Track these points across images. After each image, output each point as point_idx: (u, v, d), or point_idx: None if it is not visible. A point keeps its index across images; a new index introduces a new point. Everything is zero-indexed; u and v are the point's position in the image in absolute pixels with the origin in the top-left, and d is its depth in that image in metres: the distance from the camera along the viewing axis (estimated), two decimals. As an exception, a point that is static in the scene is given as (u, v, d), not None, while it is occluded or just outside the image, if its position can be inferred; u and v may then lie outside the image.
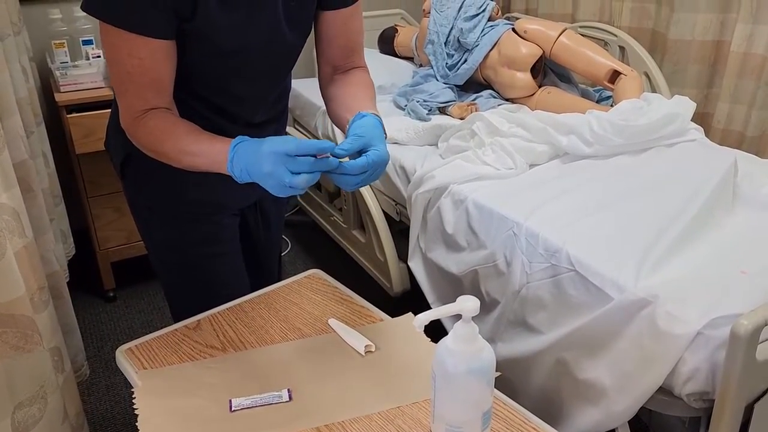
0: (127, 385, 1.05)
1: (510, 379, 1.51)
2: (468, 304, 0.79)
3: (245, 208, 1.36)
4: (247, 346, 1.10)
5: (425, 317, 0.81)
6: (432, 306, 1.80)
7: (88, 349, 2.20)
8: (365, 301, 1.22)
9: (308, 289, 1.25)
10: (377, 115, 1.08)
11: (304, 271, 1.32)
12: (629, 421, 1.30)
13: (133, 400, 0.97)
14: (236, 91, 1.16)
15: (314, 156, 0.92)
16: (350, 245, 2.33)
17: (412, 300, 1.95)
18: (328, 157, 0.94)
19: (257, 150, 0.95)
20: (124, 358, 1.08)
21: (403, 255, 1.99)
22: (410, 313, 1.14)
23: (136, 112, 1.05)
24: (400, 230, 2.09)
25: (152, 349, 1.09)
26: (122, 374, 1.08)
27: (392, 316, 1.16)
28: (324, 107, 1.28)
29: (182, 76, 1.08)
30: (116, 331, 2.30)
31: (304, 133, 2.62)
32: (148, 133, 1.06)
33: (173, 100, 1.09)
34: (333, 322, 1.14)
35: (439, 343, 0.83)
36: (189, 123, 1.07)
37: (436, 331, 0.99)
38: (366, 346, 1.07)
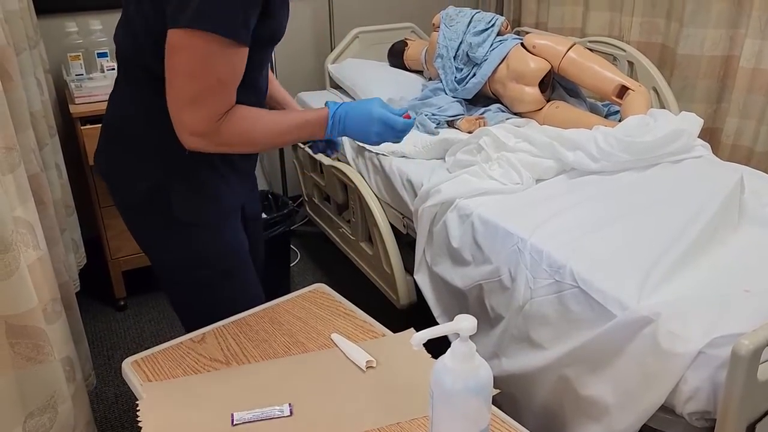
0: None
1: (513, 394, 1.51)
2: (465, 323, 0.80)
3: None
4: (251, 359, 1.11)
5: (423, 336, 0.82)
6: (438, 319, 1.81)
7: (98, 357, 2.23)
8: (368, 315, 1.23)
9: (312, 303, 1.27)
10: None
11: (312, 281, 1.34)
12: (632, 439, 1.31)
13: (137, 412, 0.99)
14: (258, 84, 1.27)
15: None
16: (358, 257, 2.35)
17: (419, 312, 1.96)
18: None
19: (363, 114, 1.25)
20: (129, 370, 1.10)
21: (410, 268, 1.99)
22: (412, 328, 1.15)
23: (219, 116, 1.12)
24: (407, 243, 2.10)
25: (157, 362, 1.11)
26: (131, 383, 1.10)
27: (399, 328, 1.18)
28: None
29: None
30: (126, 340, 2.33)
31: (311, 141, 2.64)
32: (235, 123, 1.14)
33: None
34: (336, 337, 1.15)
35: (437, 361, 0.84)
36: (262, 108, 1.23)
37: (440, 343, 0.99)
38: (367, 362, 1.08)
